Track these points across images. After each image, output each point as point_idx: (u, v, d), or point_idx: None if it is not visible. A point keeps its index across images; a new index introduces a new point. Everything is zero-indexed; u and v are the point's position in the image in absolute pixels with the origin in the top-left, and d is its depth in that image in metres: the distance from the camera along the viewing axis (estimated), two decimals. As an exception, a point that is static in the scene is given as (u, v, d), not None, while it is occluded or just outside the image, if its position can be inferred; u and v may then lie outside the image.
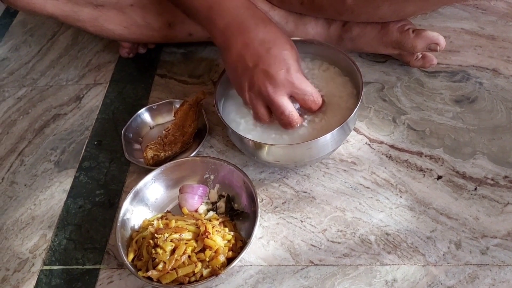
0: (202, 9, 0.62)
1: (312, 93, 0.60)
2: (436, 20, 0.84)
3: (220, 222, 0.60)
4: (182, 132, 0.69)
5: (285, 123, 0.60)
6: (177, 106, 0.74)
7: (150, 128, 0.75)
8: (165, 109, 0.75)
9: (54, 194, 0.69)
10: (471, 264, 0.56)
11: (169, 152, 0.68)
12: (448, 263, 0.56)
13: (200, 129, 0.72)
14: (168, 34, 0.78)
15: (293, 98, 0.60)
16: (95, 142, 0.75)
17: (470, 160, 0.65)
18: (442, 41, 0.69)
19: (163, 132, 0.70)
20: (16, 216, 0.67)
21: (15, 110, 0.82)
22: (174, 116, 0.72)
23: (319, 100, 0.61)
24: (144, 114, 0.75)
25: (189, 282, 0.54)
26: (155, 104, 0.75)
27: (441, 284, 0.55)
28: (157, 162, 0.67)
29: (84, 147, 0.74)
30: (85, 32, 0.78)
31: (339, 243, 0.59)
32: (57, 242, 0.64)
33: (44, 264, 0.62)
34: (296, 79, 0.59)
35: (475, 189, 0.62)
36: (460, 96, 0.73)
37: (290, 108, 0.59)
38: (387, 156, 0.67)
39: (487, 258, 0.56)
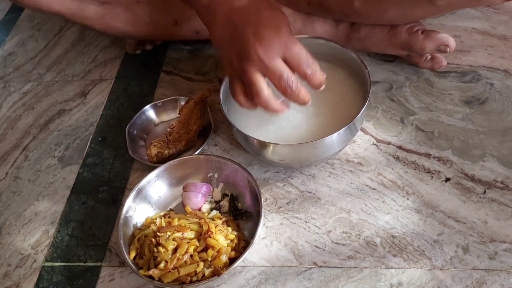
0: None
1: (308, 57, 0.53)
2: (447, 19, 0.83)
3: (223, 222, 0.59)
4: (187, 129, 0.69)
5: (284, 89, 0.52)
6: (182, 103, 0.73)
7: (155, 125, 0.75)
8: (170, 106, 0.75)
9: (57, 190, 0.69)
10: (478, 269, 0.55)
11: (173, 150, 0.67)
12: (455, 268, 0.55)
13: (205, 127, 0.71)
14: (175, 32, 0.77)
15: (286, 62, 0.53)
16: (100, 139, 0.74)
17: (479, 163, 0.64)
18: (452, 42, 0.68)
19: (168, 129, 0.70)
20: (19, 212, 0.67)
21: (20, 105, 0.82)
22: (179, 114, 0.71)
23: (316, 68, 0.53)
24: (149, 111, 0.74)
25: (191, 282, 0.54)
26: (160, 101, 0.74)
27: (448, 289, 0.54)
28: (161, 160, 0.66)
29: (88, 143, 0.74)
30: (92, 29, 0.78)
31: (343, 245, 0.58)
32: (60, 238, 0.63)
33: (46, 260, 0.62)
34: (289, 39, 0.52)
35: (484, 192, 0.61)
36: (470, 97, 0.72)
37: (287, 71, 0.52)
38: (394, 157, 0.66)
39: (496, 263, 0.55)
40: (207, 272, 0.54)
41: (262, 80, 0.53)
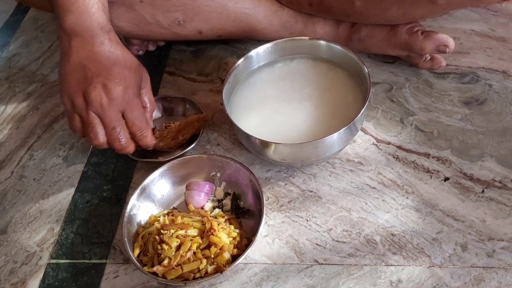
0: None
1: (142, 121, 0.61)
2: (446, 21, 0.84)
3: (225, 220, 0.60)
4: (175, 136, 0.68)
5: (113, 139, 0.60)
6: (188, 106, 0.74)
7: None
8: (175, 104, 0.75)
9: (62, 189, 0.70)
10: (477, 267, 0.56)
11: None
12: (453, 265, 0.56)
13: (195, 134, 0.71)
14: (177, 32, 0.78)
15: (124, 118, 0.60)
16: (103, 138, 0.75)
17: (478, 162, 0.65)
18: (451, 43, 0.69)
19: (163, 125, 0.70)
20: (24, 210, 0.68)
21: (25, 105, 0.83)
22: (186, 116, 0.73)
23: (146, 133, 0.62)
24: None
25: (194, 278, 0.55)
26: (169, 96, 0.76)
27: (446, 286, 0.54)
28: (139, 150, 0.66)
29: (93, 143, 0.75)
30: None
31: (344, 242, 0.59)
32: (64, 236, 0.64)
33: (51, 257, 0.62)
34: (132, 100, 0.60)
35: (483, 191, 0.62)
36: (469, 98, 0.73)
37: (121, 126, 0.60)
38: (394, 157, 0.67)
39: (493, 261, 0.56)
40: (210, 269, 0.55)
41: (100, 125, 0.59)
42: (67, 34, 0.60)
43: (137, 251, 0.58)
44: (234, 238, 0.58)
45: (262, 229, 0.59)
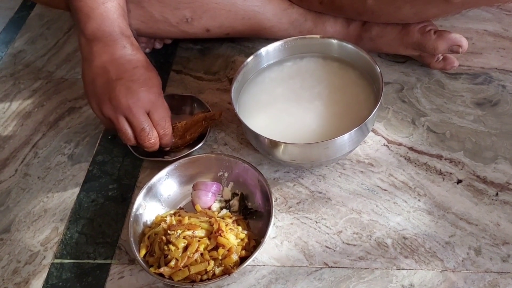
0: (74, 5, 0.61)
1: (165, 120, 0.62)
2: (458, 21, 0.82)
3: (233, 221, 0.59)
4: (182, 135, 0.68)
5: (143, 139, 0.61)
6: (196, 105, 0.73)
7: None
8: (183, 103, 0.74)
9: (67, 187, 0.69)
10: (491, 272, 0.54)
11: None
12: (467, 270, 0.55)
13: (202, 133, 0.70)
14: (185, 30, 0.77)
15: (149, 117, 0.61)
16: (109, 137, 0.74)
17: (492, 165, 0.63)
18: (464, 43, 0.68)
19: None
20: (28, 208, 0.67)
21: (30, 102, 0.82)
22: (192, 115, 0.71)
23: (167, 132, 0.63)
24: None
25: (201, 280, 0.54)
26: (176, 94, 0.75)
27: (460, 291, 0.53)
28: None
29: (98, 141, 0.74)
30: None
31: (354, 245, 0.58)
32: (69, 235, 0.63)
33: (55, 257, 0.61)
34: (157, 100, 0.61)
35: (497, 194, 0.61)
36: (482, 99, 0.71)
37: (149, 125, 0.61)
38: (405, 158, 0.66)
39: (509, 266, 0.54)
40: (217, 270, 0.54)
41: (128, 128, 0.61)
42: (89, 40, 0.61)
43: (143, 252, 0.57)
44: (242, 240, 0.57)
45: (271, 231, 0.58)
